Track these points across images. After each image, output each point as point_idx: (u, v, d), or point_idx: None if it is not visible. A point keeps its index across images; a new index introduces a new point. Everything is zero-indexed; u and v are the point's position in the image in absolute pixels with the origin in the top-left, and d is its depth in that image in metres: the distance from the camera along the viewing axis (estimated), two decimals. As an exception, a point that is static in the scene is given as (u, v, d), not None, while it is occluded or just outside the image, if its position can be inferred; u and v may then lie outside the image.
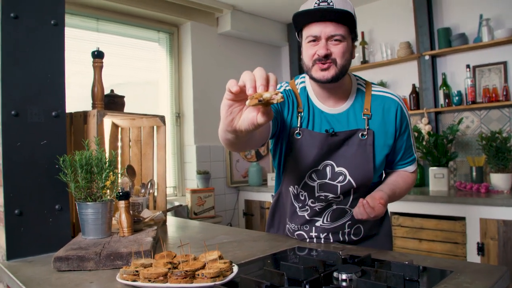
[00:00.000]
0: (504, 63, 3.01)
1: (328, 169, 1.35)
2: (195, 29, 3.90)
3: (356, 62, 3.85)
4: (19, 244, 1.30)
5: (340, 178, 1.34)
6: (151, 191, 1.88)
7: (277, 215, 1.57)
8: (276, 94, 0.81)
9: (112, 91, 1.79)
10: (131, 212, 1.45)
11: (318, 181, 1.36)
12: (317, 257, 1.11)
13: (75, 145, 1.59)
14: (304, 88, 1.43)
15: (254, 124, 0.87)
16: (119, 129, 2.01)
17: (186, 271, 0.95)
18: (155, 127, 1.95)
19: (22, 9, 1.33)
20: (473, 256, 2.51)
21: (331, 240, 1.42)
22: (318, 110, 1.39)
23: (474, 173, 2.96)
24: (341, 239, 1.42)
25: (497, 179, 2.74)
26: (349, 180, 1.34)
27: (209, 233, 1.69)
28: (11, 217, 1.29)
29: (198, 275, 0.94)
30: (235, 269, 1.01)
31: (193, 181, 3.88)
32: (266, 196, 3.85)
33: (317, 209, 1.39)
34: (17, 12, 1.32)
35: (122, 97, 1.81)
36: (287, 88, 1.45)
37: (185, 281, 0.94)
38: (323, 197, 1.37)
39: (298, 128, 1.37)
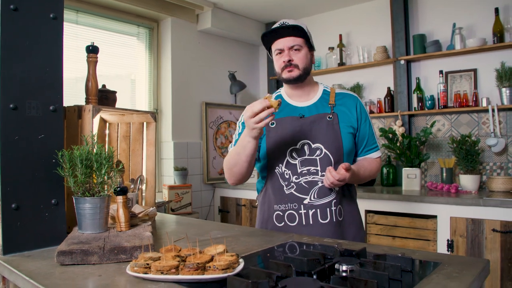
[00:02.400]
0: (475, 71, 3.19)
1: (306, 147, 1.62)
2: (175, 25, 3.89)
3: (333, 64, 3.95)
4: (15, 238, 1.29)
5: (318, 152, 1.61)
6: (140, 186, 1.88)
7: (265, 207, 1.70)
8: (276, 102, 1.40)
9: (104, 86, 1.78)
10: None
11: (299, 158, 1.62)
12: (317, 250, 1.17)
13: (68, 140, 1.58)
14: (280, 95, 1.76)
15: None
16: (107, 124, 2.00)
17: (198, 263, 0.98)
18: (144, 123, 1.96)
19: (21, 1, 1.31)
20: (443, 253, 2.66)
21: (319, 217, 1.58)
22: (290, 105, 1.70)
23: (444, 174, 3.12)
24: (328, 217, 1.58)
25: (466, 180, 2.91)
26: (325, 153, 1.60)
27: (201, 228, 1.72)
28: (8, 211, 1.27)
29: (210, 267, 0.98)
30: (242, 261, 1.06)
31: (170, 178, 3.88)
32: (242, 193, 3.90)
33: (302, 184, 1.60)
34: (17, 4, 1.30)
35: (114, 92, 1.81)
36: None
37: (197, 273, 0.97)
38: (305, 172, 1.60)
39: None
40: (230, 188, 4.02)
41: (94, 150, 1.37)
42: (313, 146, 1.61)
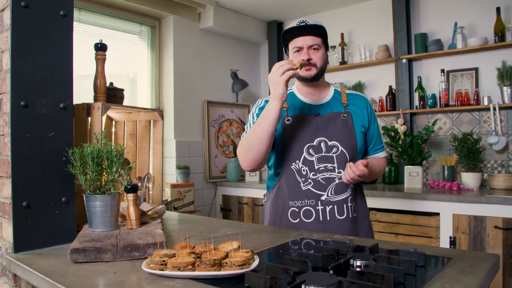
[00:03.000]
0: (476, 69, 3.21)
1: (322, 144, 1.64)
2: (177, 23, 3.89)
3: (335, 62, 3.96)
4: (26, 236, 1.29)
5: (334, 149, 1.64)
6: (147, 184, 1.89)
7: (278, 203, 1.69)
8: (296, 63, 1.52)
9: (111, 84, 1.78)
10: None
11: (316, 155, 1.63)
12: (330, 246, 1.18)
13: (77, 137, 1.58)
14: (292, 92, 1.77)
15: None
16: (113, 122, 2.00)
17: (215, 259, 0.99)
18: (151, 121, 1.96)
19: (32, -2, 1.31)
20: (454, 248, 2.67)
21: (336, 213, 1.59)
22: (305, 103, 1.72)
23: (446, 172, 3.14)
24: (345, 214, 1.60)
25: (468, 178, 2.92)
26: (342, 150, 1.63)
27: (209, 226, 1.73)
28: (19, 209, 1.27)
29: (226, 263, 0.99)
30: (257, 257, 1.06)
31: (172, 176, 3.87)
32: (244, 192, 3.90)
33: (320, 180, 1.61)
34: (28, 1, 1.30)
35: (122, 90, 1.81)
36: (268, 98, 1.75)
37: (213, 269, 0.98)
38: (322, 168, 1.62)
39: (287, 116, 1.69)
40: (232, 186, 4.03)
41: (105, 148, 1.37)
42: (329, 143, 1.63)
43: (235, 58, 4.51)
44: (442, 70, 3.29)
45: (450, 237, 2.67)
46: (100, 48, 1.62)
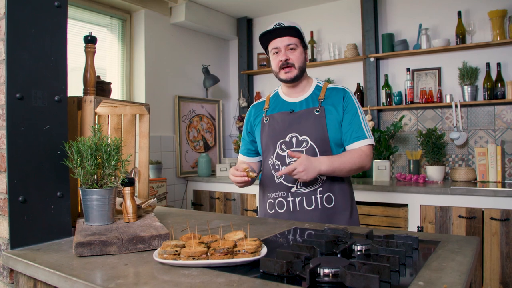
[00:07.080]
0: (439, 69, 3.41)
1: (294, 139, 1.74)
2: (148, 17, 3.84)
3: (305, 60, 4.06)
4: (23, 232, 1.27)
5: (304, 144, 1.72)
6: (134, 178, 1.88)
7: (261, 195, 1.87)
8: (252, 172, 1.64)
9: (99, 77, 1.76)
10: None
11: (287, 150, 1.73)
12: (329, 233, 1.25)
13: (69, 131, 1.55)
14: (277, 92, 1.91)
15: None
16: (96, 116, 1.97)
17: (227, 248, 1.02)
18: (137, 115, 1.95)
19: (26, -12, 1.28)
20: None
21: (304, 204, 1.70)
22: (285, 102, 1.84)
23: (411, 166, 3.32)
24: (314, 204, 1.70)
25: (432, 171, 3.11)
26: (311, 144, 1.71)
27: (200, 218, 1.75)
28: (16, 204, 1.25)
29: (239, 251, 1.03)
30: (264, 246, 1.11)
31: (143, 172, 3.83)
32: (216, 186, 3.93)
33: None
34: (22, -9, 1.27)
35: (109, 83, 1.79)
36: (257, 102, 1.96)
37: (227, 257, 1.02)
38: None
39: (265, 116, 1.83)
40: (204, 181, 4.04)
41: (103, 142, 1.37)
42: (300, 138, 1.72)
43: (205, 53, 4.50)
44: (408, 69, 3.46)
45: (418, 227, 2.84)
46: (90, 41, 1.60)
